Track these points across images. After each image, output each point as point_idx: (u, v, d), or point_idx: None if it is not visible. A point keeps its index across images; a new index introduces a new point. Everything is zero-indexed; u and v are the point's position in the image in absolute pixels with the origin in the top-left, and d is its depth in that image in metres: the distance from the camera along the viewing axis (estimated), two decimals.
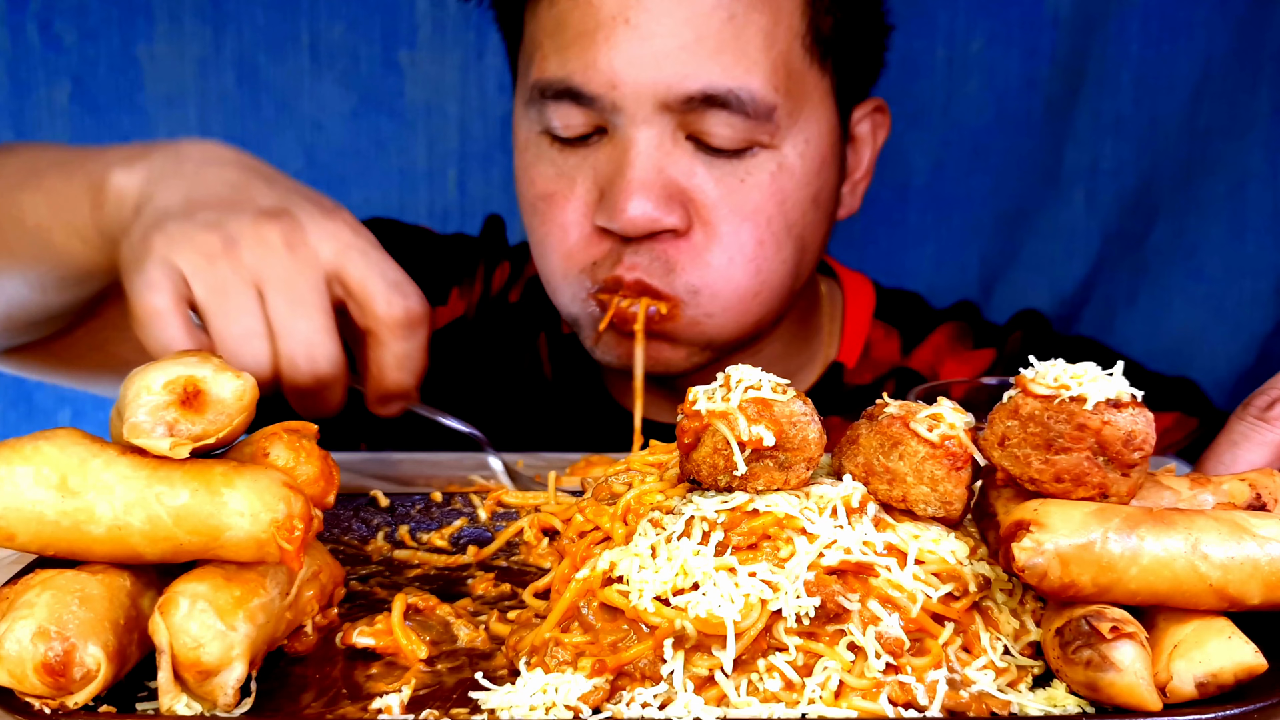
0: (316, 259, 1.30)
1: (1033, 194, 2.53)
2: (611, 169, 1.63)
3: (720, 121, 1.60)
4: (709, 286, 1.65)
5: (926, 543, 1.01)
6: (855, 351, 1.95)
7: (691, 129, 1.62)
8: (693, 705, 0.95)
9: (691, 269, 1.64)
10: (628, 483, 1.13)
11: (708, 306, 1.67)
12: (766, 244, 1.66)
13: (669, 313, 1.66)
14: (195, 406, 0.98)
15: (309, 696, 1.02)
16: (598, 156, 1.66)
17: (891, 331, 1.99)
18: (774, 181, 1.65)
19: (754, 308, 1.70)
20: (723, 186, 1.63)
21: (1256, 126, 2.42)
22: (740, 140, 1.62)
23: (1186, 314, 2.48)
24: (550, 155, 1.70)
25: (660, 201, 1.60)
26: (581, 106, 1.64)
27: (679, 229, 1.62)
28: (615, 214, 1.60)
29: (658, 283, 1.64)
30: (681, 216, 1.62)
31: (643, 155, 1.60)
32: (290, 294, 1.27)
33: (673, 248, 1.63)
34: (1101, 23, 2.46)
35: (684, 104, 1.59)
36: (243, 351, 1.26)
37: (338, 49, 2.60)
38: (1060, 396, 0.98)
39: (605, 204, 1.63)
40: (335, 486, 1.13)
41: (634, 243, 1.63)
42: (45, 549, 0.98)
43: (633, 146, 1.61)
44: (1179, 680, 0.93)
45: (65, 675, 0.91)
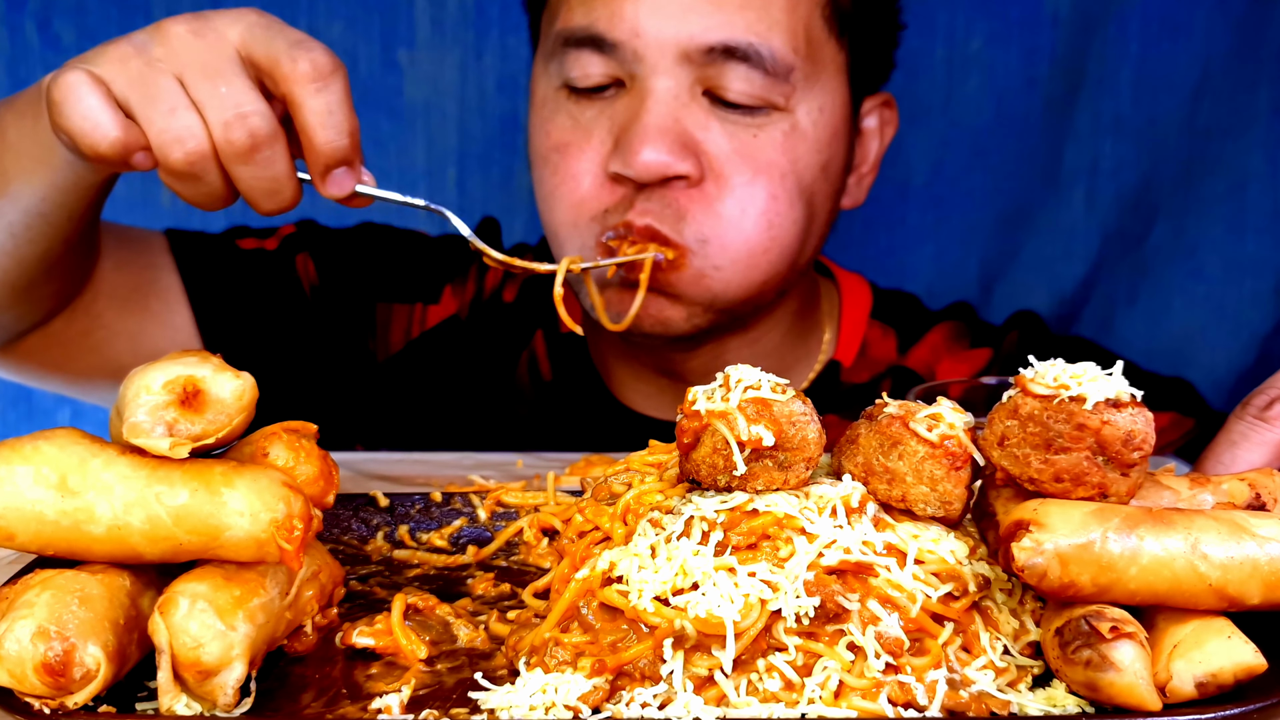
0: (225, 39, 1.28)
1: (1032, 193, 2.53)
2: (628, 117, 1.66)
3: (738, 76, 1.64)
4: (719, 237, 1.67)
5: (926, 542, 1.01)
6: (852, 350, 1.95)
7: (709, 84, 1.65)
8: (692, 705, 0.95)
9: (703, 218, 1.66)
10: (627, 483, 1.13)
11: (716, 258, 1.67)
12: (780, 199, 1.68)
13: (676, 261, 1.66)
14: (195, 406, 0.98)
15: (309, 696, 1.02)
16: (614, 108, 1.68)
17: (889, 331, 1.99)
18: (786, 140, 1.68)
19: (762, 264, 1.71)
20: (736, 141, 1.66)
21: (1256, 126, 2.42)
22: (756, 97, 1.65)
23: (1186, 314, 2.49)
24: (567, 107, 1.72)
25: (674, 148, 1.62)
26: (603, 55, 1.66)
27: (691, 176, 1.64)
28: (630, 158, 1.63)
29: (668, 229, 1.65)
30: (694, 165, 1.64)
31: (660, 103, 1.64)
32: (206, 70, 1.26)
33: (684, 196, 1.65)
34: (1101, 22, 2.46)
35: (704, 55, 1.63)
36: (173, 128, 1.24)
37: (337, 48, 2.58)
38: (1060, 396, 0.98)
39: (620, 149, 1.65)
40: (335, 486, 1.13)
41: (646, 189, 1.65)
42: (45, 549, 0.98)
43: (650, 95, 1.64)
44: (1179, 680, 0.93)
45: (65, 675, 0.91)
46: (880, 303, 2.02)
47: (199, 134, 1.25)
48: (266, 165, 1.28)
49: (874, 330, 1.99)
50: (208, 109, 1.25)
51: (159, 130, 1.24)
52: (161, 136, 1.24)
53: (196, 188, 1.29)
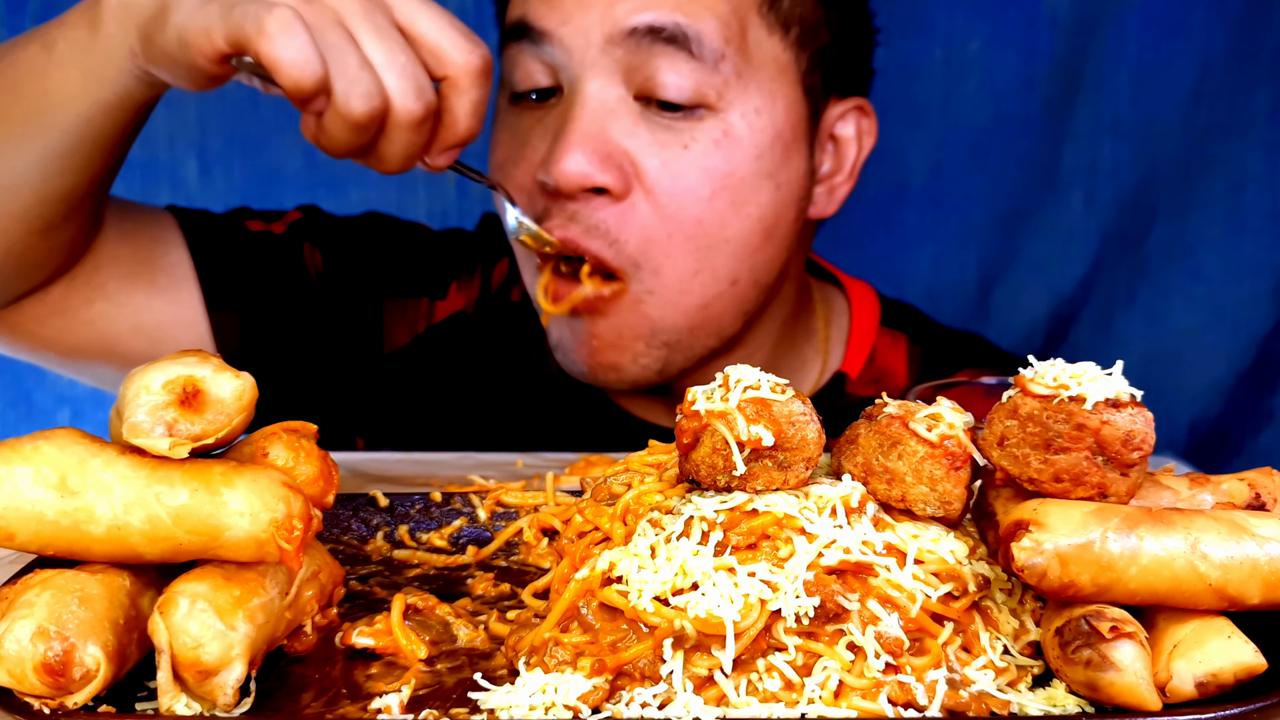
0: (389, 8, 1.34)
1: (1031, 195, 2.53)
2: (558, 127, 1.63)
3: (669, 67, 1.60)
4: (650, 261, 1.64)
5: (926, 542, 1.01)
6: (859, 361, 1.92)
7: (641, 86, 1.62)
8: (692, 705, 0.95)
9: (632, 238, 1.63)
10: (627, 483, 1.13)
11: (648, 282, 1.65)
12: (708, 221, 1.64)
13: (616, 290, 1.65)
14: (194, 406, 0.98)
15: (309, 696, 1.02)
16: (549, 118, 1.67)
17: (899, 337, 1.95)
18: (719, 149, 1.63)
19: (695, 289, 1.66)
20: (667, 151, 1.62)
21: (1254, 127, 2.42)
22: (688, 91, 1.61)
23: (1185, 314, 2.49)
24: (509, 120, 1.72)
25: (598, 158, 1.60)
26: (537, 49, 1.65)
27: (613, 190, 1.61)
28: (551, 165, 1.60)
29: (596, 246, 1.63)
30: (617, 177, 1.61)
31: (587, 109, 1.61)
32: (381, 35, 1.32)
33: (610, 213, 1.62)
34: (1099, 24, 2.46)
35: (630, 39, 1.60)
36: (362, 81, 1.30)
37: None
38: (1059, 396, 0.98)
39: (546, 159, 1.63)
40: (334, 486, 1.12)
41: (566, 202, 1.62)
42: (45, 549, 0.97)
43: (578, 99, 1.62)
44: (1179, 680, 0.93)
45: (65, 675, 0.91)
46: (888, 310, 1.99)
47: (382, 92, 1.31)
48: (422, 135, 1.36)
49: (883, 339, 1.95)
50: (388, 73, 1.32)
51: (349, 80, 1.30)
52: (351, 87, 1.29)
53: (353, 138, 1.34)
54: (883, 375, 1.92)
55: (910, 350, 1.94)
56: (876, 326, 1.95)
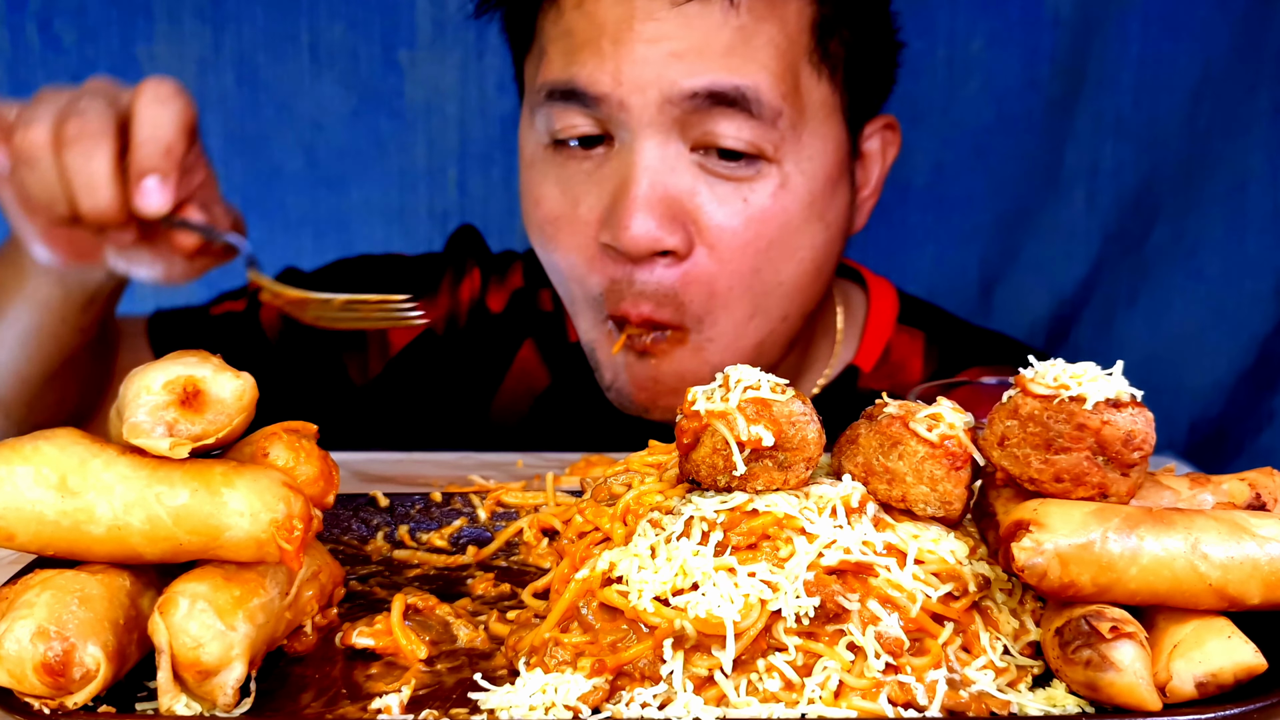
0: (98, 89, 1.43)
1: (1033, 194, 2.53)
2: (617, 184, 1.62)
3: (727, 124, 1.59)
4: (710, 315, 1.66)
5: (926, 542, 1.01)
6: (873, 356, 1.92)
7: (697, 137, 1.60)
8: (692, 705, 0.95)
9: (695, 296, 1.64)
10: (627, 483, 1.13)
11: (709, 332, 1.67)
12: (763, 271, 1.66)
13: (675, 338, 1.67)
14: (195, 406, 0.98)
15: (309, 696, 1.02)
16: (602, 172, 1.64)
17: (916, 334, 1.95)
18: (776, 201, 1.63)
19: (749, 332, 1.70)
20: (726, 207, 1.62)
21: (1256, 127, 2.42)
22: (747, 144, 1.59)
23: (1186, 314, 2.49)
24: (555, 172, 1.68)
25: (664, 220, 1.59)
26: (587, 110, 1.62)
27: (679, 251, 1.61)
28: (619, 231, 1.59)
29: (664, 316, 1.64)
30: (683, 239, 1.61)
31: (648, 170, 1.59)
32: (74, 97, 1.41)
33: (673, 274, 1.63)
34: (1101, 23, 2.46)
35: (689, 102, 1.58)
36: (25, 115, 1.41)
37: (338, 49, 2.60)
38: (1060, 396, 0.98)
39: (610, 222, 1.61)
40: (335, 487, 1.12)
41: (638, 266, 1.62)
42: (45, 549, 0.97)
43: (638, 160, 1.60)
44: (1179, 680, 0.93)
45: (65, 675, 0.91)
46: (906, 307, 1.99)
47: (46, 121, 1.38)
48: (87, 157, 1.35)
49: (900, 336, 1.95)
50: (52, 107, 1.40)
51: (16, 116, 1.39)
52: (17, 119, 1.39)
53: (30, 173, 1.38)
54: (896, 371, 1.92)
55: (927, 348, 1.93)
56: (894, 323, 1.95)
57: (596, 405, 1.96)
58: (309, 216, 2.66)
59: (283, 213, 2.66)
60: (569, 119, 1.64)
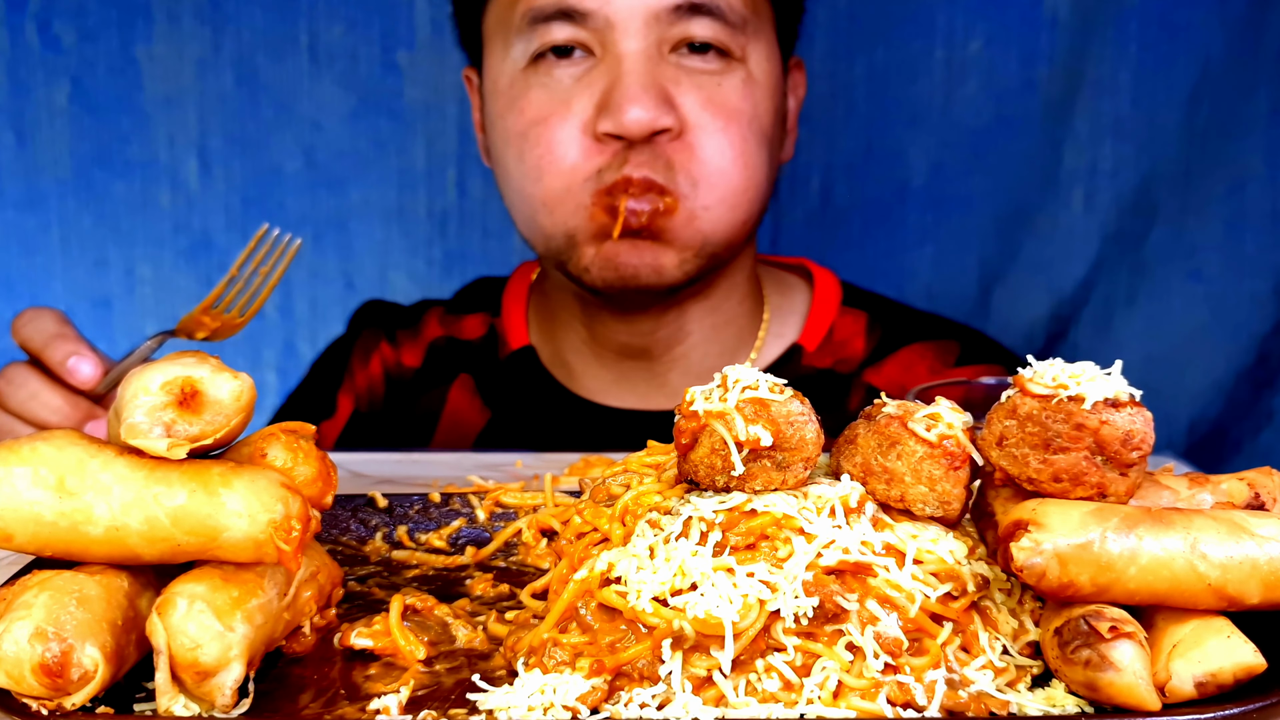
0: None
1: (1031, 195, 2.53)
2: (609, 80, 1.78)
3: (702, 26, 1.79)
4: (706, 179, 1.80)
5: (925, 542, 1.00)
6: (817, 337, 2.03)
7: (675, 39, 1.79)
8: (691, 705, 0.95)
9: (690, 164, 1.79)
10: (625, 484, 1.13)
11: (704, 199, 1.81)
12: (749, 141, 1.83)
13: (670, 206, 1.79)
14: (193, 407, 0.97)
15: (307, 697, 1.02)
16: (591, 75, 1.80)
17: (859, 315, 2.06)
18: (745, 88, 1.83)
19: (743, 202, 1.85)
20: (703, 91, 1.81)
21: (1255, 127, 2.42)
22: (717, 40, 1.80)
23: (1186, 314, 2.48)
24: (539, 80, 1.83)
25: (657, 104, 1.76)
26: (574, 24, 1.79)
27: (672, 128, 1.78)
28: (619, 116, 1.75)
29: (661, 179, 1.78)
30: (674, 118, 1.78)
31: (637, 64, 1.77)
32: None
33: (669, 148, 1.78)
34: (1100, 24, 2.46)
35: (670, 14, 1.77)
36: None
37: (337, 50, 2.60)
38: (1058, 396, 0.98)
39: (609, 110, 1.76)
40: (333, 487, 1.12)
41: (635, 146, 1.77)
42: (43, 550, 0.97)
43: (626, 58, 1.77)
44: (1178, 680, 0.93)
45: (63, 676, 0.91)
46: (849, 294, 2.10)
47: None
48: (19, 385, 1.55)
49: (844, 316, 2.06)
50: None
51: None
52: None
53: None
54: (840, 349, 2.04)
55: (869, 326, 2.06)
56: (837, 306, 2.07)
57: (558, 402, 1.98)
58: (309, 216, 2.66)
59: (283, 213, 2.66)
60: (556, 34, 1.81)
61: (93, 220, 2.65)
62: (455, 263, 2.68)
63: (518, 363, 2.06)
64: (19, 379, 1.57)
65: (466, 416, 2.07)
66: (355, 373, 2.14)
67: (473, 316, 2.14)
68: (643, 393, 1.99)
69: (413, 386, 2.12)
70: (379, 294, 2.43)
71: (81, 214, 2.65)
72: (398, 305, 2.22)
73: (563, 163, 1.80)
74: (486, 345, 2.11)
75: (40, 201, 2.65)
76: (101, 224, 2.64)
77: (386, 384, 2.14)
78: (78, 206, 2.65)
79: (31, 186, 2.64)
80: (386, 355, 2.14)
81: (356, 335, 2.17)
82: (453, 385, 2.09)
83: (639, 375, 2.00)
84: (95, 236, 2.64)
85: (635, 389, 2.00)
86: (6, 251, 2.66)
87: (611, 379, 2.01)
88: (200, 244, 2.66)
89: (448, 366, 2.11)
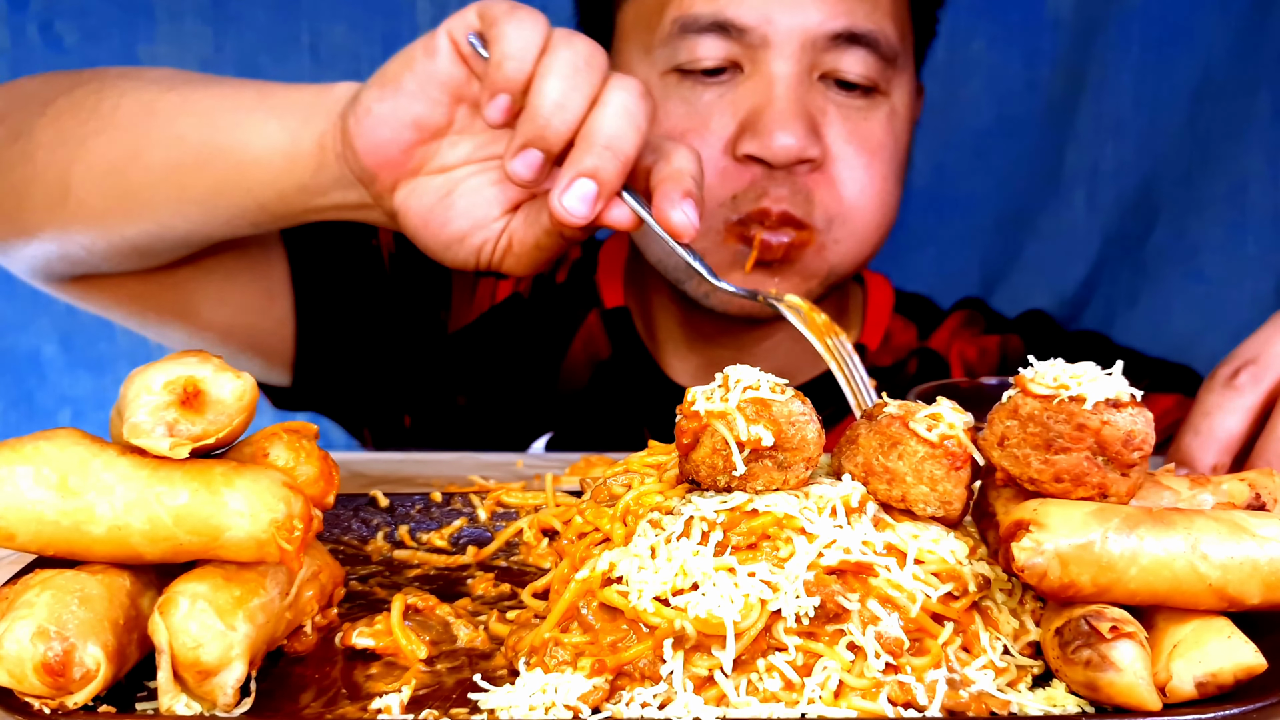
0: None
1: (1034, 196, 2.54)
2: (756, 101, 1.73)
3: (855, 59, 1.75)
4: (842, 214, 1.78)
5: (926, 542, 1.01)
6: (878, 336, 2.03)
7: (825, 69, 1.75)
8: (692, 705, 0.95)
9: (828, 199, 1.76)
10: (626, 484, 1.13)
11: (838, 233, 1.78)
12: (888, 179, 1.81)
13: (805, 240, 1.76)
14: (195, 406, 0.98)
15: (308, 697, 1.02)
16: (736, 92, 1.75)
17: (909, 325, 2.07)
18: (889, 122, 1.80)
19: (874, 238, 1.83)
20: (850, 123, 1.77)
21: (1256, 128, 2.42)
22: (867, 79, 1.76)
23: (1187, 315, 2.49)
24: (681, 93, 1.77)
25: (805, 132, 1.72)
26: (728, 39, 1.73)
27: (816, 159, 1.74)
28: (766, 140, 1.70)
29: (800, 213, 1.75)
30: (821, 149, 1.75)
31: (788, 87, 1.72)
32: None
33: (810, 180, 1.75)
34: (1102, 25, 2.46)
35: (827, 41, 1.73)
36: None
37: (338, 49, 2.60)
38: (1059, 396, 0.98)
39: (753, 134, 1.72)
40: (335, 487, 1.12)
41: (775, 173, 1.73)
42: (45, 549, 0.97)
43: (778, 80, 1.72)
44: (1179, 680, 0.93)
45: (65, 675, 0.91)
46: (901, 300, 2.10)
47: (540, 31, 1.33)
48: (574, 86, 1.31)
49: (896, 323, 2.06)
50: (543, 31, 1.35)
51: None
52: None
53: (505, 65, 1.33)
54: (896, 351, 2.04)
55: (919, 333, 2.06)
56: (890, 312, 2.07)
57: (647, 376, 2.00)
58: None
59: None
60: (703, 49, 1.75)
61: None
62: None
63: (614, 321, 2.03)
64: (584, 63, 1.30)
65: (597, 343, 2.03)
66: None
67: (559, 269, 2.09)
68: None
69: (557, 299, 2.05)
70: None
71: None
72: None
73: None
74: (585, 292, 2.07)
75: None
76: None
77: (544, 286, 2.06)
78: None
79: None
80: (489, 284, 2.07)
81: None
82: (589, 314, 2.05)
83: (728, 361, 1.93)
84: None
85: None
86: None
87: (699, 364, 1.99)
88: None
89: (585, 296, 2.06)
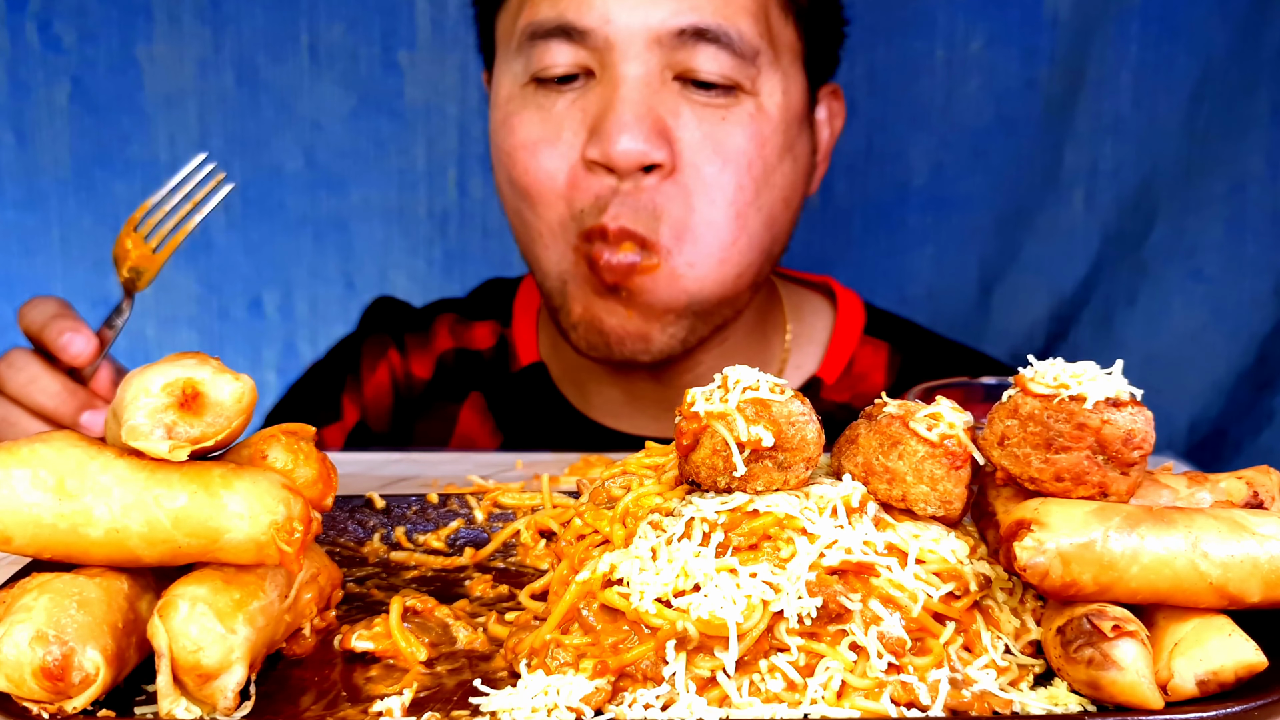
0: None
1: (1032, 195, 2.53)
2: (602, 105, 1.68)
3: (708, 57, 1.67)
4: (692, 230, 1.69)
5: (927, 542, 1.00)
6: (837, 369, 1.95)
7: (679, 68, 1.68)
8: (695, 706, 0.95)
9: (679, 211, 1.68)
10: (625, 485, 1.13)
11: (690, 256, 1.70)
12: (746, 188, 1.71)
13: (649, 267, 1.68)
14: (194, 409, 0.97)
15: (309, 699, 1.01)
16: (586, 99, 1.70)
17: (880, 345, 1.98)
18: (753, 123, 1.71)
19: (733, 256, 1.72)
20: (705, 125, 1.69)
21: (1255, 127, 2.42)
22: (725, 77, 1.68)
23: (1186, 314, 2.49)
24: (536, 100, 1.73)
25: (650, 135, 1.65)
26: (573, 44, 1.69)
27: (664, 164, 1.67)
28: (607, 145, 1.65)
29: (642, 229, 1.67)
30: (668, 153, 1.67)
31: (634, 89, 1.66)
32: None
33: (658, 192, 1.67)
34: (1101, 24, 2.46)
35: (674, 39, 1.66)
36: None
37: (337, 49, 2.60)
38: (1059, 395, 0.98)
39: (597, 138, 1.67)
40: (333, 489, 1.12)
41: (622, 182, 1.66)
42: (42, 552, 0.97)
43: (623, 83, 1.66)
44: (1180, 678, 0.93)
45: (64, 679, 0.91)
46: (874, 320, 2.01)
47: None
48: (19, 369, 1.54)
49: (865, 346, 1.97)
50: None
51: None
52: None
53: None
54: (858, 382, 1.95)
55: (890, 358, 1.97)
56: (860, 335, 1.98)
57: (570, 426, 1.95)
58: (309, 217, 2.66)
59: (283, 213, 2.66)
60: (552, 56, 1.70)
61: (93, 220, 2.65)
62: (455, 263, 2.68)
63: (528, 379, 2.00)
64: (19, 363, 1.56)
65: (478, 439, 2.02)
66: (363, 379, 2.07)
67: (484, 325, 2.07)
68: (654, 414, 1.91)
69: (421, 402, 2.06)
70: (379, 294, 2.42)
71: (81, 214, 2.65)
72: (409, 306, 2.15)
73: (549, 194, 1.71)
74: (498, 358, 2.05)
75: (40, 201, 2.65)
76: (101, 224, 2.64)
77: (394, 397, 2.07)
78: (78, 206, 2.65)
79: (31, 186, 2.64)
80: (395, 364, 2.07)
81: (366, 335, 2.10)
82: (464, 405, 2.03)
83: (650, 396, 1.90)
84: (95, 236, 2.64)
85: (646, 410, 1.92)
86: (6, 251, 2.66)
87: (623, 399, 1.93)
88: (200, 244, 2.65)
89: (458, 383, 2.05)
